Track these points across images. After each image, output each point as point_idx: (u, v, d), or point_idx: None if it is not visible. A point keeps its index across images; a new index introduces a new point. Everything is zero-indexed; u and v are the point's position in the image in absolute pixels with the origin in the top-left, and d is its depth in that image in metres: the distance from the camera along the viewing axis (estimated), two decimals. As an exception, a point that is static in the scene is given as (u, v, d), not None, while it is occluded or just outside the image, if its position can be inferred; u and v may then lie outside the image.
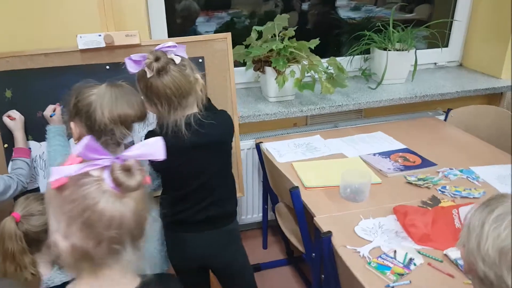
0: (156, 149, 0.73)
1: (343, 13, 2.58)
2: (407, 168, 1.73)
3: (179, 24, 2.26)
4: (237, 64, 2.06)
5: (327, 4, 2.56)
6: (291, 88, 2.13)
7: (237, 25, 2.39)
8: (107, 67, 1.55)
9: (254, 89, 2.35)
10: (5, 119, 1.47)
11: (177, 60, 1.20)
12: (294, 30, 2.08)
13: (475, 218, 0.79)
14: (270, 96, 2.17)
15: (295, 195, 1.53)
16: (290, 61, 2.09)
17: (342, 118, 2.35)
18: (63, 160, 0.69)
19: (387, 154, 1.86)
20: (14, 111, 1.47)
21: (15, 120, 1.45)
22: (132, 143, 1.32)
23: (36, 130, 1.50)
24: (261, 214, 2.28)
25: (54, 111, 1.46)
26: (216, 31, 2.34)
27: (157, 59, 1.18)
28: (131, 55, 1.20)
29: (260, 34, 2.11)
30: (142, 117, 1.23)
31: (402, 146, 1.93)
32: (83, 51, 1.49)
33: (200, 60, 1.62)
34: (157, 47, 1.21)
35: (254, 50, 1.99)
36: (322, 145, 1.99)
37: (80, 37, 1.47)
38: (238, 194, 1.67)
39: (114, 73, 1.52)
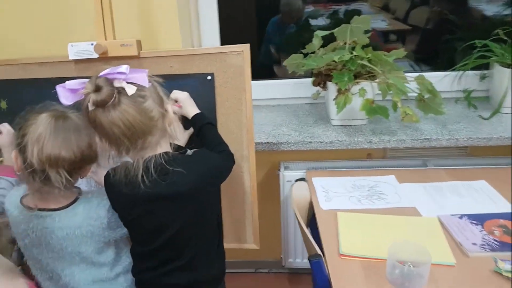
0: None
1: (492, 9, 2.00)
2: (503, 246, 1.18)
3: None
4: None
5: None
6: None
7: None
8: None
9: (321, 106, 1.97)
10: None
11: (130, 90, 0.94)
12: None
13: None
14: (333, 118, 1.77)
15: (316, 267, 1.14)
16: (362, 77, 1.67)
17: (437, 154, 1.82)
18: None
19: (480, 219, 1.32)
20: (4, 124, 1.37)
21: (1, 135, 1.34)
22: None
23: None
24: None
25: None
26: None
27: (97, 89, 0.93)
28: (65, 82, 0.96)
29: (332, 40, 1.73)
30: (83, 161, 1.01)
31: (509, 209, 1.36)
32: (77, 61, 1.34)
33: (209, 78, 1.33)
34: (102, 73, 0.95)
35: (309, 62, 1.62)
36: (392, 191, 1.52)
37: (71, 45, 1.32)
38: (251, 246, 1.34)
39: None
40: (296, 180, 1.59)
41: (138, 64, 1.34)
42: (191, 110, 1.25)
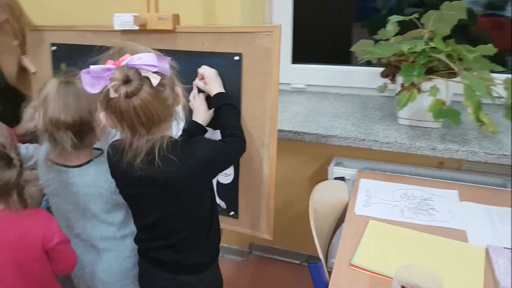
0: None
1: None
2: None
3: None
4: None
5: None
6: (435, 112, 1.50)
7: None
8: None
9: (394, 99, 1.80)
10: None
11: (155, 81, 0.91)
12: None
13: None
14: (400, 116, 1.60)
15: (313, 271, 1.06)
16: (438, 73, 1.47)
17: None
18: None
19: (540, 261, 1.09)
20: None
21: None
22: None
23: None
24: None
25: None
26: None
27: (126, 81, 0.90)
28: (90, 67, 0.92)
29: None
30: (83, 125, 1.06)
31: None
32: (123, 32, 1.39)
33: (237, 58, 1.26)
34: (127, 60, 0.91)
35: (374, 49, 1.48)
36: (445, 208, 1.34)
37: (117, 16, 1.37)
38: (263, 236, 1.31)
39: None
40: (335, 178, 1.49)
41: (171, 38, 1.35)
42: (215, 88, 1.23)
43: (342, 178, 1.50)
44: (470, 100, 1.33)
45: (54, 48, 1.59)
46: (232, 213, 1.43)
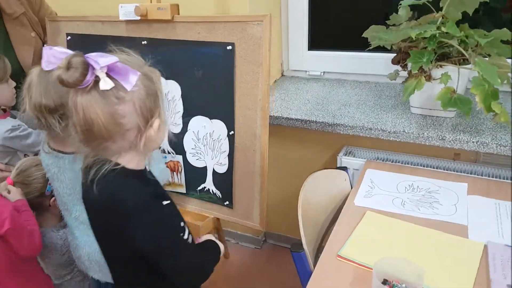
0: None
1: None
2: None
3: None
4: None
5: None
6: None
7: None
8: (144, 42, 1.46)
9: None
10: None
11: (104, 85, 0.81)
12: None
13: None
14: (414, 105, 1.56)
15: (296, 258, 1.08)
16: (450, 59, 1.42)
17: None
18: None
19: (540, 260, 1.04)
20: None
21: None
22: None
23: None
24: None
25: None
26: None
27: (67, 67, 0.80)
28: (54, 48, 0.86)
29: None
30: (65, 108, 1.03)
31: None
32: (128, 22, 1.44)
33: (229, 48, 1.27)
34: (89, 54, 0.82)
35: (381, 35, 1.45)
36: (451, 202, 1.30)
37: (121, 6, 1.42)
38: (255, 226, 1.34)
39: (150, 49, 1.44)
40: (337, 168, 1.48)
41: (170, 28, 1.39)
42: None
43: (344, 168, 1.49)
44: (479, 88, 1.27)
45: (68, 38, 1.68)
46: (227, 202, 1.46)
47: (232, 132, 1.39)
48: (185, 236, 0.97)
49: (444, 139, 1.41)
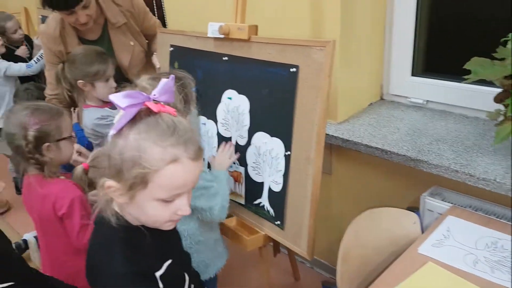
0: None
1: None
2: None
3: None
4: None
5: None
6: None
7: None
8: (225, 58, 1.60)
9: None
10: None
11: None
12: None
13: None
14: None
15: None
16: None
17: None
18: None
19: None
20: None
21: None
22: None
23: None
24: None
25: None
26: None
27: None
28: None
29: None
30: None
31: None
32: (215, 38, 1.59)
33: (293, 70, 1.32)
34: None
35: (477, 69, 1.33)
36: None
37: (210, 25, 1.58)
38: (302, 254, 1.35)
39: (229, 64, 1.60)
40: (407, 208, 1.40)
41: (247, 47, 1.51)
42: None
43: (415, 209, 1.40)
44: None
45: (171, 49, 1.90)
46: (278, 222, 1.50)
47: (288, 152, 1.44)
48: None
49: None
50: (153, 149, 0.85)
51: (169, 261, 1.00)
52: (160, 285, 0.96)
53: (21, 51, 3.34)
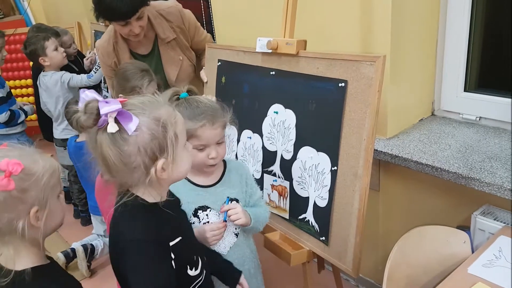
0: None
1: None
2: None
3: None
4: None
5: None
6: None
7: None
8: (272, 72, 1.67)
9: None
10: None
11: (110, 128, 0.99)
12: None
13: None
14: None
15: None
16: None
17: None
18: None
19: None
20: None
21: None
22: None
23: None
24: None
25: None
26: None
27: (85, 112, 1.00)
28: (85, 92, 1.03)
29: None
30: None
31: None
32: (263, 53, 1.66)
33: (341, 85, 1.35)
34: (102, 100, 1.00)
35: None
36: None
37: (259, 40, 1.65)
38: (347, 271, 1.36)
39: (277, 79, 1.66)
40: (457, 227, 1.40)
41: (295, 62, 1.56)
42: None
43: (465, 228, 1.40)
44: None
45: (219, 63, 1.99)
46: (323, 238, 1.52)
47: (335, 167, 1.47)
48: (192, 272, 1.16)
49: None
50: (157, 125, 1.04)
51: (179, 238, 1.13)
52: (172, 255, 1.10)
53: (87, 62, 3.53)
